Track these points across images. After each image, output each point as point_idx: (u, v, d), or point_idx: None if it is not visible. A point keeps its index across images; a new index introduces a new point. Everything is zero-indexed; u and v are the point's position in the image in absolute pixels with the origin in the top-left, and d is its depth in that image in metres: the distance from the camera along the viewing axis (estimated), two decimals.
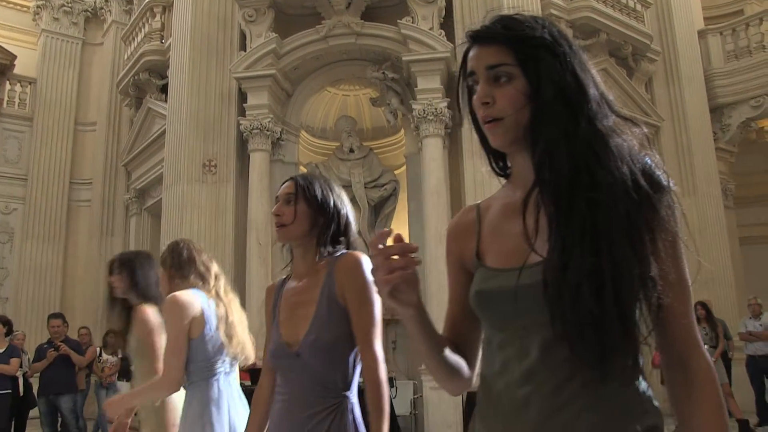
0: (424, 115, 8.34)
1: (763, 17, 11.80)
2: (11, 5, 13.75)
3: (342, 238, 1.98)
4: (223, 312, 2.59)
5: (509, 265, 1.11)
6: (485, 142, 1.20)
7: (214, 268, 2.78)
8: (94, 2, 13.75)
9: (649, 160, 1.08)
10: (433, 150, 8.33)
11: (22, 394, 7.54)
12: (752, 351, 8.99)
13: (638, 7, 10.91)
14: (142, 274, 2.98)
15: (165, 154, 9.57)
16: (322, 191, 1.97)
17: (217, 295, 2.66)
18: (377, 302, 1.89)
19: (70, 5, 13.57)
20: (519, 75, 1.10)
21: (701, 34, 12.23)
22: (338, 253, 1.94)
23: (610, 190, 1.02)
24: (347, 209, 2.02)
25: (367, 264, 1.88)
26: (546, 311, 1.03)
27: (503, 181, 1.28)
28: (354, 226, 2.02)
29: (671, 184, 1.09)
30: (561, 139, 1.06)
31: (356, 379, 1.92)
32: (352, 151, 9.30)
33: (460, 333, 1.28)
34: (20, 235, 12.61)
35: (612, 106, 1.12)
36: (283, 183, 2.04)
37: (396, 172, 9.56)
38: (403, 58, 8.45)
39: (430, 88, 8.46)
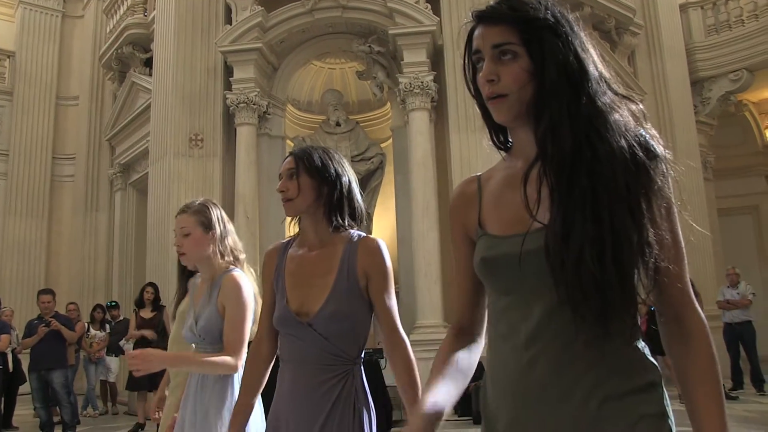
0: (411, 88, 8.38)
1: None
2: None
3: (347, 206, 2.02)
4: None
5: (512, 232, 1.16)
6: (488, 117, 1.25)
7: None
8: None
9: (644, 132, 1.13)
10: (420, 123, 8.39)
11: (11, 370, 7.58)
12: (729, 318, 9.28)
13: None
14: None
15: (151, 128, 9.54)
16: (322, 161, 2.01)
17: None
18: (393, 287, 2.00)
19: None
20: (523, 54, 1.14)
21: (683, 7, 12.34)
22: (356, 233, 2.01)
23: (610, 162, 1.07)
24: (349, 175, 2.06)
25: (386, 250, 2.00)
26: (549, 275, 1.08)
27: (490, 154, 1.34)
28: (357, 191, 2.06)
29: (666, 153, 1.13)
30: (564, 115, 1.10)
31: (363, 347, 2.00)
32: (338, 124, 9.33)
33: (472, 303, 1.35)
34: (2, 211, 12.55)
35: (610, 84, 1.17)
36: (285, 159, 2.08)
37: (382, 145, 9.61)
38: (390, 32, 8.47)
39: (416, 61, 8.50)
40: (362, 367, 1.99)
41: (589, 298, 1.05)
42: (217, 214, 2.59)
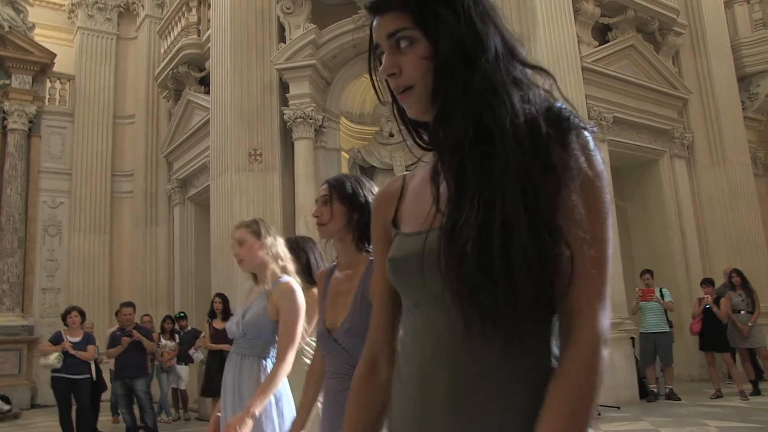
0: None
1: None
2: (47, 4, 14.11)
3: None
4: None
5: (419, 229, 1.05)
6: (404, 115, 1.11)
7: None
8: None
9: (556, 104, 1.00)
10: None
11: (95, 378, 8.01)
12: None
13: None
14: (314, 258, 3.30)
15: (210, 144, 9.93)
16: (353, 189, 2.20)
17: None
18: None
19: (103, 2, 13.94)
20: (420, 38, 1.02)
21: (728, 4, 12.34)
22: None
23: (503, 142, 0.94)
24: None
25: None
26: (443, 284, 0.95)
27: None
28: None
29: (583, 125, 0.98)
30: (458, 98, 0.98)
31: None
32: (392, 135, 9.60)
33: (389, 322, 1.20)
34: (67, 227, 13.11)
35: (518, 55, 1.03)
36: (321, 186, 2.30)
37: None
38: None
39: None
40: None
41: (475, 301, 0.92)
42: (266, 227, 2.96)
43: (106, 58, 13.89)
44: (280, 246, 2.96)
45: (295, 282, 2.84)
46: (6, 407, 10.24)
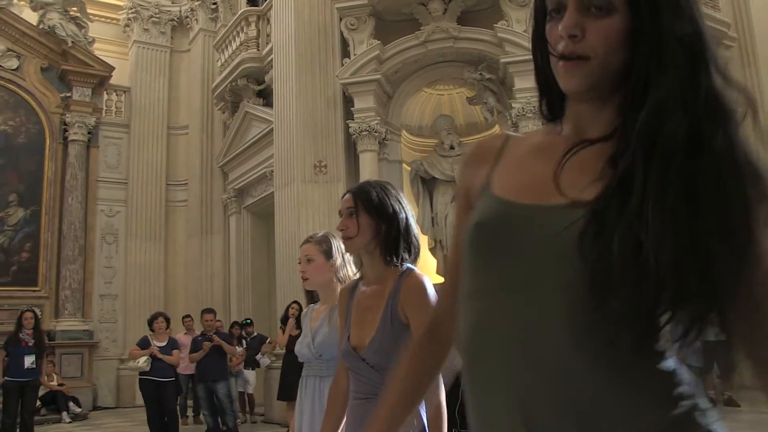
0: (524, 113, 8.86)
1: None
2: (103, 19, 14.54)
3: (404, 242, 2.05)
4: None
5: (528, 201, 0.93)
6: (545, 81, 0.99)
7: None
8: (180, 11, 14.50)
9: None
10: None
11: None
12: None
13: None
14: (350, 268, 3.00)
15: (275, 156, 10.24)
16: (380, 198, 2.04)
17: None
18: None
19: (158, 16, 14.36)
20: (622, 7, 0.87)
21: None
22: (405, 267, 2.02)
23: (729, 162, 0.83)
24: (406, 211, 2.08)
25: (430, 287, 1.95)
26: (581, 274, 0.83)
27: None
28: (414, 226, 2.09)
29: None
30: (678, 96, 0.85)
31: None
32: (452, 147, 9.86)
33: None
34: (124, 235, 13.52)
35: (719, 63, 0.89)
36: (343, 197, 2.13)
37: None
38: (501, 60, 8.96)
39: (527, 87, 8.93)
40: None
41: (640, 330, 0.82)
42: (336, 244, 2.78)
43: (160, 70, 14.31)
44: (349, 266, 2.77)
45: None
46: (78, 409, 10.61)
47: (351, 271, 2.74)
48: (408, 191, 9.88)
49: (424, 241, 9.77)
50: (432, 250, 9.86)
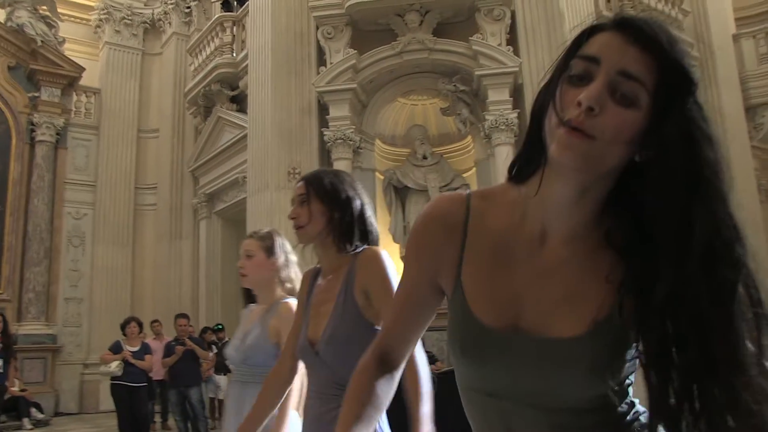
0: (497, 125, 9.05)
1: None
2: (74, 19, 14.36)
3: (358, 230, 1.96)
4: None
5: (503, 325, 0.94)
6: (532, 142, 0.94)
7: None
8: (152, 14, 14.40)
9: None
10: (505, 157, 9.04)
11: None
12: None
13: (679, 16, 11.63)
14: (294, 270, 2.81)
15: (248, 162, 10.24)
16: (332, 185, 1.96)
17: None
18: None
19: (130, 18, 14.23)
20: (644, 106, 0.84)
21: (735, 37, 12.91)
22: (358, 250, 1.93)
23: (725, 313, 0.81)
24: (362, 198, 2.00)
25: (386, 257, 1.86)
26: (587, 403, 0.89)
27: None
28: (370, 214, 2.00)
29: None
30: (729, 225, 0.82)
31: None
32: (425, 157, 9.99)
33: (407, 339, 1.16)
34: (91, 238, 13.31)
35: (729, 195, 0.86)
36: (297, 183, 2.05)
37: (463, 176, 10.26)
38: (476, 73, 9.14)
39: (500, 99, 9.16)
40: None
41: None
42: (280, 242, 2.67)
43: (131, 72, 14.17)
44: (293, 266, 2.67)
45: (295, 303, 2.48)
46: (40, 415, 10.41)
47: (295, 273, 2.65)
48: (381, 200, 9.99)
49: (395, 250, 9.90)
50: (403, 258, 9.94)
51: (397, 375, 1.21)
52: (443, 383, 5.39)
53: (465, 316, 0.96)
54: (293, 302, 2.43)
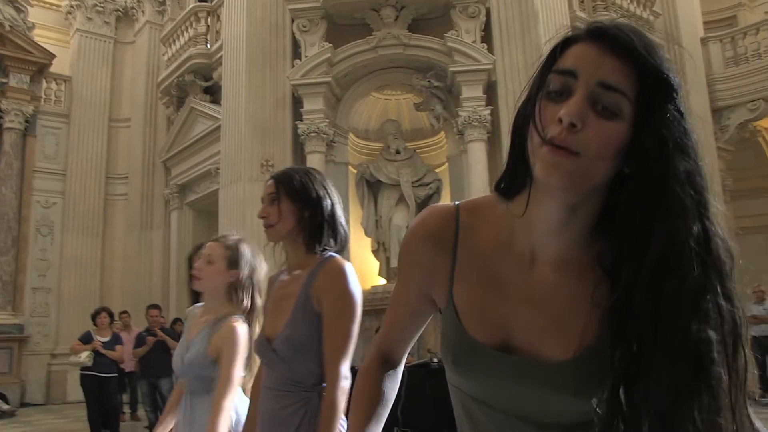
0: (469, 121, 9.14)
1: (759, 27, 12.80)
2: (44, 5, 14.14)
3: (328, 230, 1.96)
4: None
5: (494, 343, 0.95)
6: (517, 159, 0.92)
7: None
8: (125, 2, 14.24)
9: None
10: (478, 153, 9.14)
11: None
12: (757, 333, 10.10)
13: (650, 18, 11.85)
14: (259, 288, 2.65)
15: (222, 154, 10.22)
16: (303, 184, 1.95)
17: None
18: (355, 316, 1.82)
19: (102, 5, 14.06)
20: (627, 117, 0.81)
21: (703, 41, 13.21)
22: (327, 254, 1.92)
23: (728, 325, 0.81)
24: (332, 197, 1.99)
25: (351, 274, 1.85)
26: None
27: None
28: (340, 214, 2.01)
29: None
30: (686, 240, 0.80)
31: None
32: (398, 152, 10.06)
33: (404, 340, 1.20)
34: (60, 228, 13.15)
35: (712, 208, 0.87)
36: (267, 182, 2.03)
37: (436, 171, 10.36)
38: (450, 69, 9.23)
39: (473, 96, 9.27)
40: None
41: None
42: (247, 257, 2.50)
43: (103, 61, 14.01)
44: (256, 285, 2.50)
45: (242, 325, 2.39)
46: (5, 406, 10.30)
47: (258, 291, 2.49)
48: (353, 194, 10.04)
49: (367, 244, 9.97)
50: (375, 252, 10.05)
51: (400, 369, 1.24)
52: (412, 377, 5.47)
53: (457, 331, 0.97)
54: (239, 327, 2.35)
